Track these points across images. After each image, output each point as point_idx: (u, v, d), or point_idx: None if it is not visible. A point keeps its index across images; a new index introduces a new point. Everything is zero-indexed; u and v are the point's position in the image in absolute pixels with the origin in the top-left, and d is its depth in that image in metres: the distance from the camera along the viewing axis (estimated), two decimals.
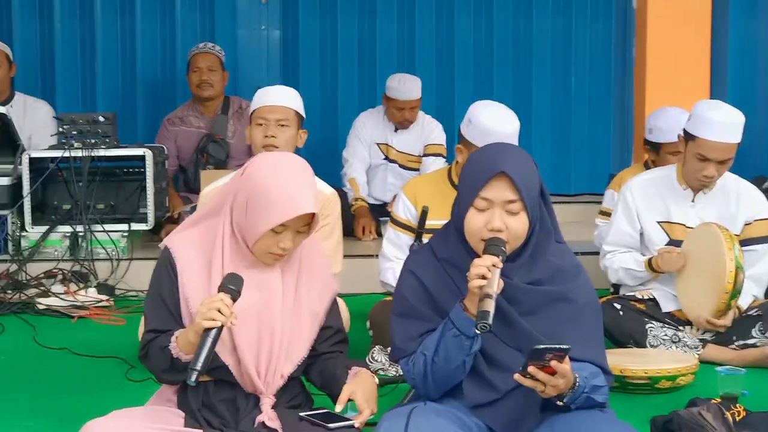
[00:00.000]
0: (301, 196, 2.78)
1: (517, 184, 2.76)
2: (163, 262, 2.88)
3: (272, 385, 2.85)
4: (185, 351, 2.75)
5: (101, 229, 5.83)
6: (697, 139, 4.25)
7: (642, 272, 4.40)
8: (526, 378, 2.64)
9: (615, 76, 7.77)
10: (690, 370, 3.88)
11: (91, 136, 5.89)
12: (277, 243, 2.79)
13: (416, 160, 6.80)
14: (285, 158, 2.90)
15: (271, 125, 4.09)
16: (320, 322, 2.95)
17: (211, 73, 6.78)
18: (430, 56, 7.74)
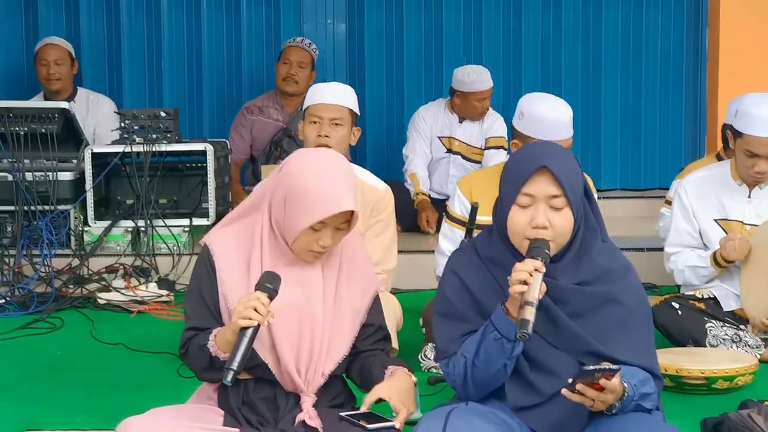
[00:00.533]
0: (341, 192, 2.74)
1: (560, 178, 2.69)
2: (202, 259, 2.87)
3: (313, 384, 2.82)
4: (223, 349, 2.73)
5: (163, 224, 5.87)
6: (745, 135, 4.17)
7: (707, 268, 4.30)
8: (574, 394, 2.58)
9: (686, 68, 7.61)
10: (749, 370, 3.77)
11: (152, 131, 5.92)
12: (317, 241, 2.76)
13: (479, 152, 6.73)
14: (324, 155, 2.87)
15: (325, 124, 4.06)
16: (362, 319, 2.92)
17: (300, 69, 6.80)
18: (497, 49, 7.66)
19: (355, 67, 7.78)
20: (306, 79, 6.83)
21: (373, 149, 7.73)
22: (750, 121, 4.15)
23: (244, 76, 7.71)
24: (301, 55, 6.83)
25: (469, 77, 6.59)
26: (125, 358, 4.47)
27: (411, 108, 7.52)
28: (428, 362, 4.14)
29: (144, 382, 4.08)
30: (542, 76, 7.65)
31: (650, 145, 7.72)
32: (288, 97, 6.86)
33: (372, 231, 4.22)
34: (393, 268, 4.31)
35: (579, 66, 7.67)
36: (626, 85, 7.68)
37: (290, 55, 6.83)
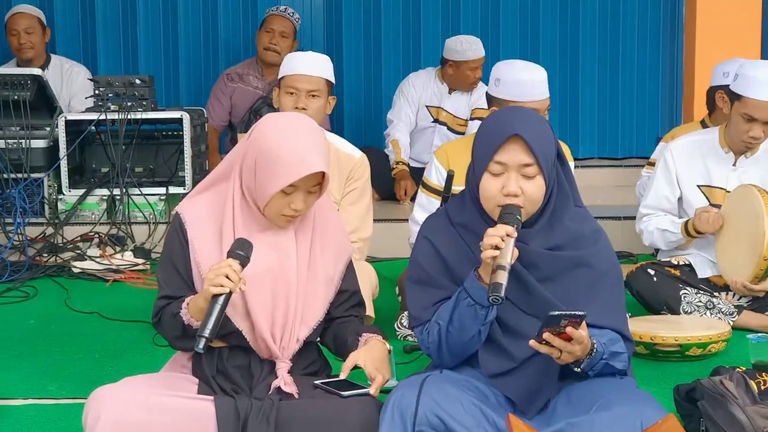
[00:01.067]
0: (311, 154, 2.73)
1: (532, 146, 2.68)
2: (174, 228, 2.86)
3: (288, 350, 2.82)
4: (196, 317, 2.73)
5: (139, 192, 5.84)
6: (743, 98, 4.13)
7: (677, 235, 4.30)
8: (541, 344, 2.58)
9: (664, 37, 7.60)
10: (722, 338, 3.79)
11: (127, 98, 5.88)
12: (289, 204, 2.76)
13: (464, 123, 6.71)
14: (293, 118, 2.86)
15: (302, 96, 4.04)
16: (336, 285, 2.92)
17: (282, 38, 6.74)
18: (475, 18, 7.64)
19: (332, 34, 7.74)
20: (287, 48, 6.78)
21: (350, 117, 7.71)
22: (750, 84, 4.11)
23: (220, 43, 7.65)
24: (284, 24, 6.78)
25: (462, 46, 6.54)
26: (100, 327, 4.44)
27: (388, 76, 7.51)
28: (404, 330, 4.14)
29: (119, 351, 4.06)
30: (520, 46, 7.63)
31: (627, 114, 7.73)
32: (270, 66, 6.82)
33: (347, 199, 4.21)
34: (369, 237, 4.30)
35: (557, 35, 7.65)
36: (604, 54, 7.67)
37: (273, 23, 6.77)
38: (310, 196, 2.80)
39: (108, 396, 2.65)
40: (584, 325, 2.58)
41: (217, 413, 2.68)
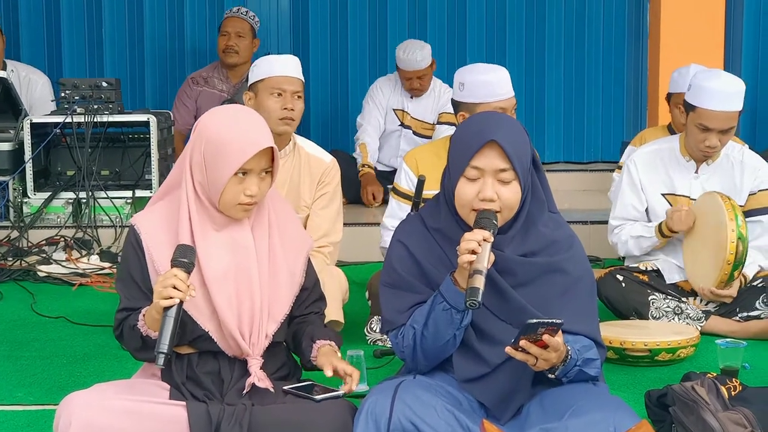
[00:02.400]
0: (256, 134, 2.75)
1: (508, 152, 2.69)
2: (129, 240, 2.85)
3: (258, 346, 2.81)
4: (153, 328, 2.72)
5: (105, 195, 5.80)
6: (698, 108, 4.18)
7: (651, 239, 4.33)
8: (517, 351, 2.59)
9: (628, 43, 7.66)
10: (690, 343, 3.82)
11: (93, 101, 5.83)
12: (243, 191, 2.75)
13: (430, 128, 6.71)
14: (232, 107, 2.88)
15: (289, 97, 4.04)
16: (299, 280, 2.91)
17: (239, 39, 6.75)
18: (441, 22, 7.65)
19: (299, 37, 7.73)
20: (247, 48, 6.79)
21: (317, 120, 7.70)
22: (703, 94, 4.16)
23: (186, 46, 7.62)
24: (239, 25, 6.78)
25: (404, 54, 6.55)
26: (67, 331, 4.40)
27: (355, 81, 7.51)
28: (374, 335, 4.14)
29: (87, 356, 4.02)
30: (486, 51, 7.65)
31: (593, 118, 7.77)
32: (232, 68, 6.81)
33: (318, 203, 4.20)
34: (339, 241, 4.30)
35: (523, 41, 7.69)
36: (569, 59, 7.71)
37: (228, 26, 6.78)
38: (264, 182, 2.79)
39: (79, 402, 2.64)
40: (560, 333, 2.60)
41: (190, 418, 2.68)
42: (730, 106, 4.14)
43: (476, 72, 3.97)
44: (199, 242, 2.77)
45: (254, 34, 6.86)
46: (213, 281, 2.74)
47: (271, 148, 2.77)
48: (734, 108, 4.15)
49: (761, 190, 4.32)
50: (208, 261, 2.77)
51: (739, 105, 4.17)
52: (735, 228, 3.98)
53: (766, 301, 4.17)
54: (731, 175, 4.32)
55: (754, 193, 4.32)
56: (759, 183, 4.32)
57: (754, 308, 4.18)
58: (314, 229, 4.10)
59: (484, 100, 3.88)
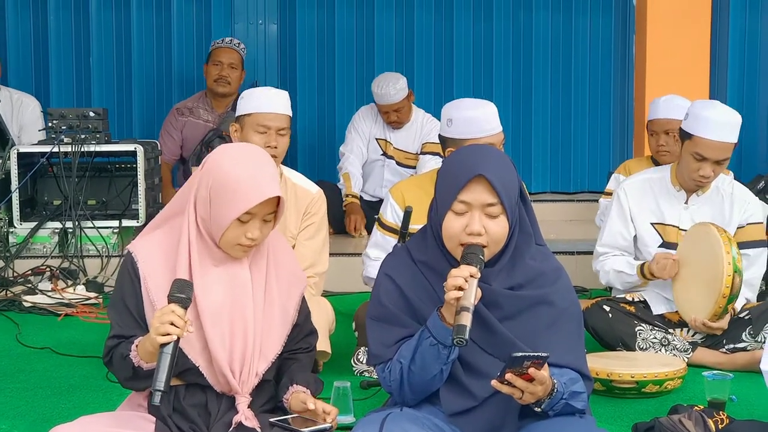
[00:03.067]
0: (265, 181, 2.75)
1: (496, 186, 2.69)
2: (126, 266, 2.84)
3: (248, 384, 2.81)
4: (146, 359, 2.71)
5: (91, 225, 5.78)
6: (695, 137, 4.18)
7: (633, 277, 4.32)
8: (503, 384, 2.59)
9: (615, 74, 7.70)
10: (678, 375, 3.81)
11: (81, 131, 5.84)
12: (245, 233, 2.76)
13: (413, 158, 6.72)
14: (244, 148, 2.88)
15: (273, 134, 4.05)
16: (292, 318, 2.91)
17: (231, 69, 6.79)
18: (428, 52, 7.68)
19: (286, 68, 7.74)
20: (237, 79, 6.83)
21: (304, 151, 7.71)
22: (702, 124, 4.15)
23: (174, 76, 7.63)
24: (231, 56, 6.81)
25: (379, 89, 6.56)
26: (52, 362, 4.36)
27: (342, 110, 7.52)
28: (360, 366, 4.13)
29: (72, 387, 3.98)
30: (474, 81, 7.68)
31: (580, 149, 7.79)
32: (219, 98, 6.84)
33: (304, 234, 4.21)
34: (324, 272, 4.30)
35: (510, 71, 7.72)
36: (556, 89, 7.74)
37: (220, 56, 6.80)
38: (266, 225, 2.80)
39: None
40: (546, 366, 2.59)
41: None
42: (727, 137, 4.15)
43: (463, 108, 3.96)
44: (197, 276, 2.76)
45: (243, 65, 6.89)
46: (207, 316, 2.74)
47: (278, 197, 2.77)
48: (731, 139, 4.16)
49: (750, 224, 4.33)
50: (204, 295, 2.76)
51: (735, 137, 4.18)
52: (731, 261, 3.97)
53: (752, 333, 4.17)
54: (721, 207, 4.33)
55: (742, 226, 4.32)
56: (748, 216, 4.33)
57: (740, 340, 4.19)
58: (300, 259, 4.08)
59: (472, 137, 3.88)
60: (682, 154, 4.27)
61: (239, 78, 6.85)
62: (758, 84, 7.51)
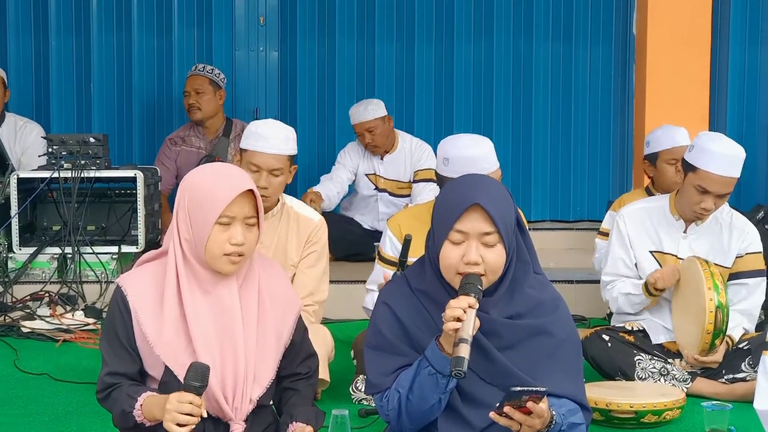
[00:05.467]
0: (236, 179, 2.78)
1: (493, 215, 2.70)
2: (116, 300, 2.83)
3: (241, 411, 2.80)
4: (150, 417, 2.71)
5: (91, 251, 5.78)
6: (699, 170, 4.17)
7: (640, 296, 4.32)
8: (501, 417, 2.59)
9: (615, 103, 7.72)
10: (677, 405, 3.80)
11: (81, 156, 5.84)
12: (228, 239, 2.75)
13: (406, 186, 6.69)
14: (210, 164, 2.93)
15: (264, 175, 4.03)
16: (286, 341, 2.90)
17: (198, 95, 6.81)
18: (429, 80, 7.70)
19: (286, 95, 7.77)
20: (209, 102, 6.82)
21: (303, 179, 7.69)
22: (706, 157, 4.15)
23: (175, 102, 7.64)
24: (196, 82, 6.83)
25: (353, 109, 6.61)
26: (50, 388, 4.36)
27: (342, 137, 7.53)
28: (359, 394, 4.12)
29: (69, 413, 3.98)
30: (474, 110, 7.69)
31: (579, 177, 7.80)
32: (202, 124, 6.86)
33: (305, 262, 4.21)
34: (324, 300, 4.30)
35: (510, 100, 7.73)
36: (556, 118, 7.76)
37: (187, 86, 6.87)
38: (250, 231, 2.78)
39: None
40: (545, 399, 2.59)
41: None
42: (731, 171, 4.15)
43: (460, 146, 3.95)
44: (187, 304, 2.76)
45: (216, 87, 6.87)
46: (199, 343, 2.74)
47: (255, 197, 2.77)
48: (734, 174, 4.16)
49: (748, 253, 4.33)
50: (195, 322, 2.76)
51: (738, 172, 4.18)
52: (714, 297, 3.98)
53: (751, 363, 4.16)
54: (719, 237, 4.33)
55: (741, 256, 4.32)
56: (746, 246, 4.33)
57: (739, 370, 4.18)
58: (300, 287, 4.10)
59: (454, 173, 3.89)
60: (684, 185, 4.27)
61: (212, 101, 6.82)
62: (757, 114, 7.52)
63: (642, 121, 6.92)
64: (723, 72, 7.39)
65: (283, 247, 4.14)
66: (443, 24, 7.66)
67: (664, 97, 6.76)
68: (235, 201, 2.74)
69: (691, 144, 4.30)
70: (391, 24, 7.66)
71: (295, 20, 7.67)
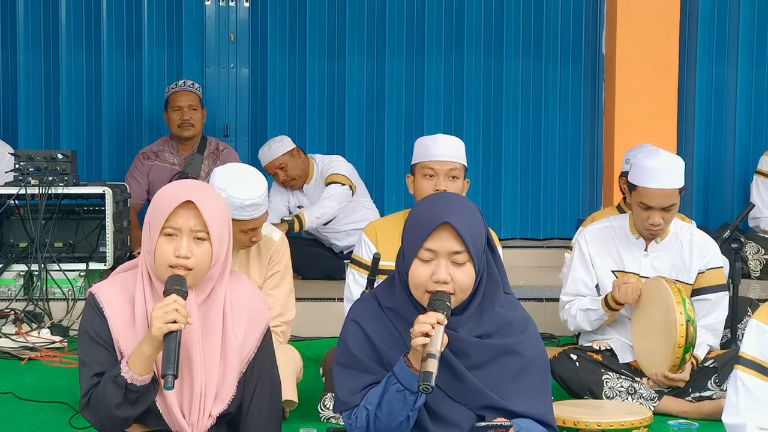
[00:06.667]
0: (185, 190, 2.76)
1: (462, 234, 2.69)
2: (90, 307, 2.81)
3: (198, 426, 2.78)
4: (140, 371, 2.67)
5: (58, 268, 5.73)
6: (638, 188, 4.25)
7: (599, 311, 4.35)
8: None
9: (584, 121, 7.75)
10: (644, 423, 3.80)
11: (48, 173, 5.80)
12: (173, 251, 2.72)
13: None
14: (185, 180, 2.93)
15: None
16: (248, 355, 2.87)
17: (192, 112, 6.77)
18: (399, 96, 7.69)
19: (257, 112, 7.74)
20: (200, 120, 6.82)
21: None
22: (642, 173, 4.23)
23: (144, 119, 7.61)
24: (190, 98, 6.79)
25: (260, 151, 6.57)
26: (14, 407, 4.31)
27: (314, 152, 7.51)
28: (327, 412, 4.11)
29: None
30: (444, 126, 7.68)
31: (549, 195, 7.82)
32: (184, 141, 6.82)
33: (269, 282, 4.17)
34: (292, 320, 4.28)
35: (480, 117, 7.74)
36: (526, 136, 7.77)
37: (179, 101, 6.78)
38: (199, 247, 2.74)
39: None
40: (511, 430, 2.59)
41: None
42: (669, 183, 4.20)
43: (428, 137, 4.14)
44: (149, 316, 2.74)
45: (202, 105, 6.89)
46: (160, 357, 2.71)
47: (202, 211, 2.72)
48: (673, 185, 4.21)
49: (710, 269, 4.37)
50: None
51: (678, 182, 4.24)
52: (683, 311, 4.02)
53: (717, 381, 4.19)
54: (680, 254, 4.37)
55: (702, 272, 4.36)
56: (707, 262, 4.37)
57: (706, 388, 4.20)
58: None
59: (418, 161, 4.07)
60: (632, 205, 4.33)
61: (201, 118, 6.84)
62: (724, 133, 7.58)
63: (611, 140, 6.97)
64: (690, 91, 7.45)
65: (245, 269, 4.10)
66: (414, 40, 7.66)
67: (633, 115, 6.82)
68: (179, 213, 2.72)
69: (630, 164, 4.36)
70: (361, 40, 7.66)
71: (266, 37, 7.65)
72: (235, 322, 2.84)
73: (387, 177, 7.58)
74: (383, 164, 7.60)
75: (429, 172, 4.07)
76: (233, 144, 7.47)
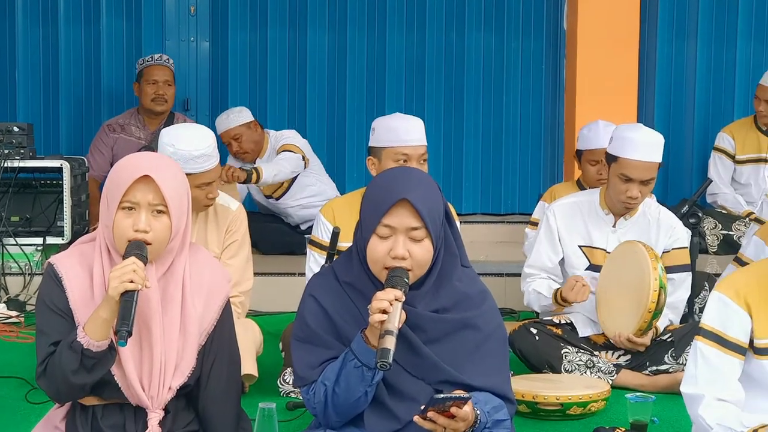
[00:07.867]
0: (143, 163, 2.73)
1: (420, 210, 2.69)
2: (48, 277, 2.77)
3: (158, 399, 2.76)
4: (96, 336, 2.63)
5: (14, 242, 5.67)
6: (620, 159, 4.25)
7: (548, 300, 4.37)
8: (425, 421, 2.61)
9: (546, 96, 7.76)
10: (601, 396, 3.84)
11: (4, 146, 5.73)
12: (132, 226, 2.69)
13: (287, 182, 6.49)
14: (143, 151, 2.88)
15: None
16: (208, 329, 2.84)
17: (167, 87, 6.73)
18: (361, 70, 7.67)
19: (218, 86, 7.68)
20: (172, 96, 6.78)
21: None
22: (625, 145, 4.24)
23: (103, 92, 7.53)
24: (165, 73, 6.74)
25: (217, 119, 6.49)
26: None
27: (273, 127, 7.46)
28: (287, 387, 4.10)
29: None
30: (406, 100, 7.68)
31: (510, 170, 7.83)
32: (152, 115, 6.75)
33: (227, 252, 4.16)
34: (249, 290, 4.26)
35: (442, 92, 7.73)
36: (487, 111, 7.77)
37: (154, 74, 6.71)
38: (158, 220, 2.72)
39: None
40: (469, 403, 2.60)
41: None
42: (651, 156, 4.23)
43: (389, 118, 4.06)
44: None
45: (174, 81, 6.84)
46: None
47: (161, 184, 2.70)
48: (655, 159, 4.24)
49: (675, 248, 4.39)
50: None
51: (659, 157, 4.26)
52: (658, 277, 4.02)
53: (674, 355, 4.23)
54: (647, 231, 4.38)
55: (668, 251, 4.38)
56: (673, 241, 4.39)
57: (663, 362, 4.24)
58: None
59: (388, 145, 3.97)
60: (609, 178, 4.33)
61: (173, 95, 6.79)
62: (684, 108, 7.63)
63: (573, 115, 6.98)
64: (651, 67, 7.48)
65: (203, 240, 4.08)
66: (375, 14, 7.63)
67: (593, 90, 6.83)
68: (137, 187, 2.69)
69: (611, 136, 4.36)
70: (323, 13, 7.61)
71: (226, 10, 7.59)
72: (195, 295, 2.82)
73: (348, 152, 7.56)
74: (344, 139, 7.58)
75: (402, 157, 3.96)
76: (194, 117, 7.41)
